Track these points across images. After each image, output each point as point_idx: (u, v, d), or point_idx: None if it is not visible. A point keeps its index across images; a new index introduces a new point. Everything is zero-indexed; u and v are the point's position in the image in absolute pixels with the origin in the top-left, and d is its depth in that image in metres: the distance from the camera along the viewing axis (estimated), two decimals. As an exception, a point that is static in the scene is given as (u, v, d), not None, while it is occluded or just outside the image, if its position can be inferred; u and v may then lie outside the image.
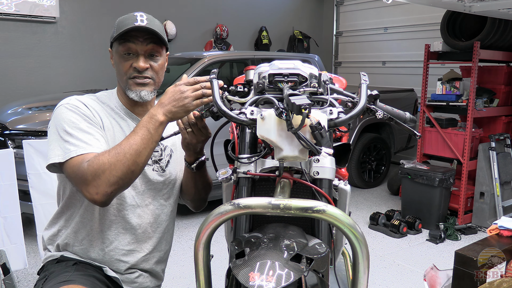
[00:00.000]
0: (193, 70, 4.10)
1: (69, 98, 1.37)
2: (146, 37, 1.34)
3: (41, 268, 1.48)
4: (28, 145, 2.48)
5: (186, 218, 4.07)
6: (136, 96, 1.38)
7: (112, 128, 1.39)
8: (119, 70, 1.38)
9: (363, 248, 1.02)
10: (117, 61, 1.38)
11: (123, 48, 1.34)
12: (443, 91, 4.16)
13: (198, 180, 1.53)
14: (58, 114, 1.32)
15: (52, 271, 1.37)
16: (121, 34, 1.31)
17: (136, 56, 1.35)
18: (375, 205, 4.65)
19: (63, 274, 1.34)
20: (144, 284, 1.49)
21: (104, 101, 1.43)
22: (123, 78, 1.38)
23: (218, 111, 1.22)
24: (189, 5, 6.41)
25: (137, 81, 1.37)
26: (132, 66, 1.35)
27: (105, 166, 1.16)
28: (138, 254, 1.45)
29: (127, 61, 1.35)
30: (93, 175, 1.16)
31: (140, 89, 1.37)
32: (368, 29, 6.97)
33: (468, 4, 3.50)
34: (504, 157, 4.09)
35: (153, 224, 1.48)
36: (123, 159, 1.17)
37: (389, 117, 1.33)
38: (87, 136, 1.26)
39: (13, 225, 2.51)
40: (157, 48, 1.38)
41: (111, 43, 1.40)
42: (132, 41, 1.33)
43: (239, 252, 1.07)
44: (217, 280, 1.58)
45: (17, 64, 5.17)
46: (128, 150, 1.18)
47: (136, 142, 1.19)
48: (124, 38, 1.33)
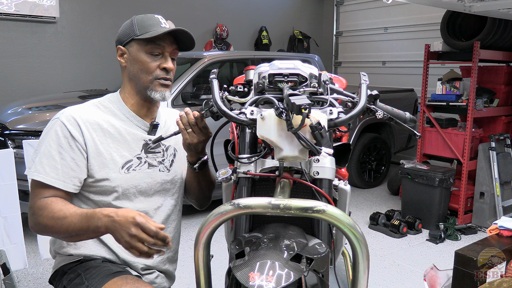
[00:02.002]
0: (193, 70, 4.11)
1: (65, 113, 1.36)
2: (171, 40, 1.38)
3: (55, 273, 1.43)
4: (28, 145, 2.48)
5: (186, 218, 4.07)
6: (160, 96, 1.40)
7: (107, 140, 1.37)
8: (143, 69, 1.37)
9: (363, 248, 1.02)
10: (140, 60, 1.37)
11: (150, 47, 1.36)
12: (443, 91, 4.16)
13: (201, 179, 1.53)
14: (46, 130, 1.35)
15: (86, 268, 1.34)
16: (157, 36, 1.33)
17: (162, 57, 1.38)
18: (375, 205, 4.65)
19: (104, 267, 1.33)
20: (162, 285, 1.51)
21: (107, 106, 1.42)
22: (147, 77, 1.37)
23: (218, 111, 1.22)
24: (189, 5, 6.41)
25: (163, 82, 1.39)
26: (160, 67, 1.37)
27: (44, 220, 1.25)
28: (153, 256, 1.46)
29: (154, 61, 1.37)
30: (34, 217, 1.27)
31: (165, 90, 1.40)
32: (368, 29, 6.96)
33: (468, 4, 3.50)
34: (504, 157, 4.09)
35: (165, 224, 1.49)
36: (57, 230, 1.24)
37: (389, 117, 1.33)
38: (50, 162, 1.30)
39: (13, 225, 2.51)
40: (177, 52, 1.43)
41: (127, 41, 1.38)
42: (161, 42, 1.36)
43: (239, 252, 1.07)
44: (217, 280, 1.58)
45: (17, 64, 5.16)
46: (65, 228, 1.23)
47: (74, 228, 1.22)
48: (152, 39, 1.35)
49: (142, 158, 1.42)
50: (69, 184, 1.31)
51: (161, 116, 1.54)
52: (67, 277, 1.35)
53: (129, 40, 1.38)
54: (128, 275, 1.31)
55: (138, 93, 1.41)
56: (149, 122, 1.46)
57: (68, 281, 1.34)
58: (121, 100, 1.44)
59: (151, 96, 1.39)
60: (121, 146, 1.39)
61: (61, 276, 1.38)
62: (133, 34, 1.36)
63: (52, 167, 1.29)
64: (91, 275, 1.30)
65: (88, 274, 1.31)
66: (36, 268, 3.07)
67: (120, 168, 1.37)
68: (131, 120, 1.43)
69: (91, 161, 1.33)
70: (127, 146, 1.40)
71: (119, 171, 1.37)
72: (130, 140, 1.41)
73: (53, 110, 3.69)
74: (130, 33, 1.37)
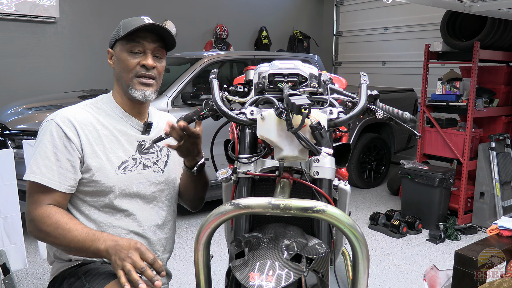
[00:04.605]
0: (193, 70, 4.11)
1: (60, 114, 1.36)
2: (153, 38, 1.37)
3: (54, 279, 1.42)
4: (28, 145, 2.48)
5: (186, 218, 4.07)
6: (140, 95, 1.38)
7: (102, 141, 1.37)
8: (124, 68, 1.38)
9: (363, 248, 1.02)
10: (122, 59, 1.38)
11: (130, 45, 1.36)
12: (443, 91, 4.16)
13: (198, 182, 1.54)
14: (40, 132, 1.36)
15: (85, 271, 1.35)
16: (131, 32, 1.33)
17: (144, 54, 1.37)
18: (375, 205, 4.65)
19: (104, 270, 1.33)
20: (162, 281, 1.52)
21: (100, 107, 1.43)
22: (128, 75, 1.38)
23: (218, 111, 1.22)
24: (189, 5, 6.41)
25: (142, 80, 1.38)
26: (139, 64, 1.37)
27: (46, 228, 1.26)
28: None
29: (134, 58, 1.37)
30: (34, 224, 1.27)
31: (145, 89, 1.39)
32: (368, 29, 6.96)
33: (468, 4, 3.50)
34: (504, 157, 4.09)
35: (161, 225, 1.49)
36: (58, 241, 1.26)
37: (389, 117, 1.34)
38: (46, 163, 1.30)
39: (13, 225, 2.51)
40: (162, 50, 1.41)
41: (113, 43, 1.41)
42: (141, 40, 1.36)
43: (239, 252, 1.07)
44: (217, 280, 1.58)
45: (17, 64, 5.16)
46: (67, 241, 1.25)
47: (75, 244, 1.24)
48: (133, 37, 1.35)
49: (137, 158, 1.42)
50: (65, 185, 1.31)
51: (154, 117, 1.54)
52: (67, 281, 1.35)
53: (114, 42, 1.40)
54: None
55: (125, 93, 1.42)
56: (143, 122, 1.46)
57: (69, 285, 1.34)
58: (114, 101, 1.44)
59: (133, 95, 1.39)
60: (116, 147, 1.39)
61: (61, 281, 1.38)
62: (117, 35, 1.38)
63: (48, 168, 1.29)
64: (91, 277, 1.31)
65: (88, 276, 1.32)
66: (36, 268, 3.07)
67: (116, 169, 1.37)
68: (124, 120, 1.43)
69: (88, 162, 1.33)
70: (121, 147, 1.40)
71: (116, 171, 1.37)
72: (124, 141, 1.41)
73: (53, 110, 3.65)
74: (115, 35, 1.39)
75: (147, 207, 1.45)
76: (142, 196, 1.43)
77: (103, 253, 1.22)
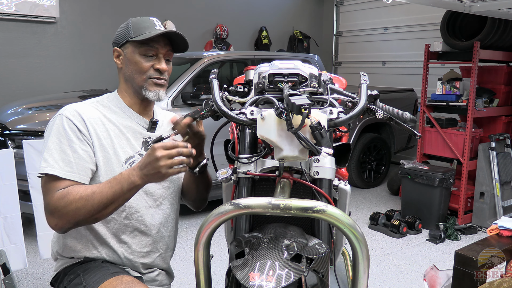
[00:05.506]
0: (193, 70, 4.11)
1: (68, 109, 1.37)
2: (165, 42, 1.40)
3: (56, 275, 1.44)
4: (28, 145, 2.48)
5: (186, 218, 4.07)
6: (154, 96, 1.41)
7: (110, 136, 1.38)
8: (137, 70, 1.39)
9: (363, 248, 1.02)
10: (135, 61, 1.39)
11: (144, 49, 1.38)
12: (443, 91, 4.16)
13: (200, 182, 1.54)
14: (51, 127, 1.35)
15: (85, 269, 1.36)
16: (149, 38, 1.35)
17: (156, 57, 1.40)
18: (375, 205, 4.65)
19: (102, 268, 1.34)
20: (163, 282, 1.54)
21: (106, 104, 1.44)
22: (141, 77, 1.40)
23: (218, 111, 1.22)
24: (189, 5, 6.41)
25: (156, 81, 1.41)
26: (153, 67, 1.39)
27: (71, 206, 1.21)
28: (154, 254, 1.48)
29: (148, 62, 1.39)
30: (58, 210, 1.23)
31: (159, 89, 1.42)
32: (368, 29, 6.96)
33: (468, 4, 3.50)
34: (504, 157, 4.09)
35: (165, 223, 1.51)
36: (90, 208, 1.22)
37: (389, 117, 1.34)
38: (63, 156, 1.29)
39: (13, 225, 2.51)
40: (171, 53, 1.45)
41: (123, 43, 1.41)
42: (155, 44, 1.38)
43: (239, 252, 1.07)
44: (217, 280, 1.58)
45: (17, 64, 5.16)
46: (98, 201, 1.21)
47: (107, 196, 1.22)
48: (146, 41, 1.37)
49: (143, 155, 1.43)
50: (84, 176, 1.31)
51: (159, 115, 1.55)
52: (67, 278, 1.37)
53: (124, 42, 1.41)
54: (124, 276, 1.32)
55: (135, 93, 1.43)
56: (148, 119, 1.48)
57: (68, 281, 1.36)
58: (120, 99, 1.46)
59: (146, 96, 1.41)
60: (123, 143, 1.40)
61: (62, 277, 1.40)
62: (128, 36, 1.39)
63: (65, 161, 1.29)
64: (89, 275, 1.32)
65: (86, 274, 1.33)
66: (36, 268, 3.07)
67: (123, 163, 1.38)
68: (130, 117, 1.45)
69: (97, 155, 1.35)
70: (128, 143, 1.41)
71: (123, 166, 1.38)
72: (131, 137, 1.43)
73: (53, 110, 3.69)
74: (126, 35, 1.40)
75: (152, 205, 1.46)
76: (148, 193, 1.44)
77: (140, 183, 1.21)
